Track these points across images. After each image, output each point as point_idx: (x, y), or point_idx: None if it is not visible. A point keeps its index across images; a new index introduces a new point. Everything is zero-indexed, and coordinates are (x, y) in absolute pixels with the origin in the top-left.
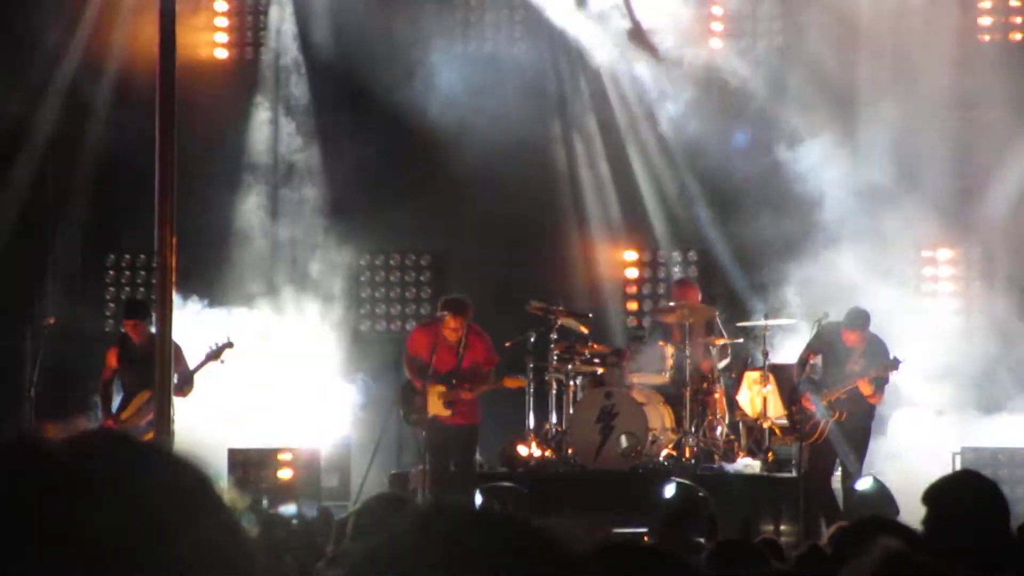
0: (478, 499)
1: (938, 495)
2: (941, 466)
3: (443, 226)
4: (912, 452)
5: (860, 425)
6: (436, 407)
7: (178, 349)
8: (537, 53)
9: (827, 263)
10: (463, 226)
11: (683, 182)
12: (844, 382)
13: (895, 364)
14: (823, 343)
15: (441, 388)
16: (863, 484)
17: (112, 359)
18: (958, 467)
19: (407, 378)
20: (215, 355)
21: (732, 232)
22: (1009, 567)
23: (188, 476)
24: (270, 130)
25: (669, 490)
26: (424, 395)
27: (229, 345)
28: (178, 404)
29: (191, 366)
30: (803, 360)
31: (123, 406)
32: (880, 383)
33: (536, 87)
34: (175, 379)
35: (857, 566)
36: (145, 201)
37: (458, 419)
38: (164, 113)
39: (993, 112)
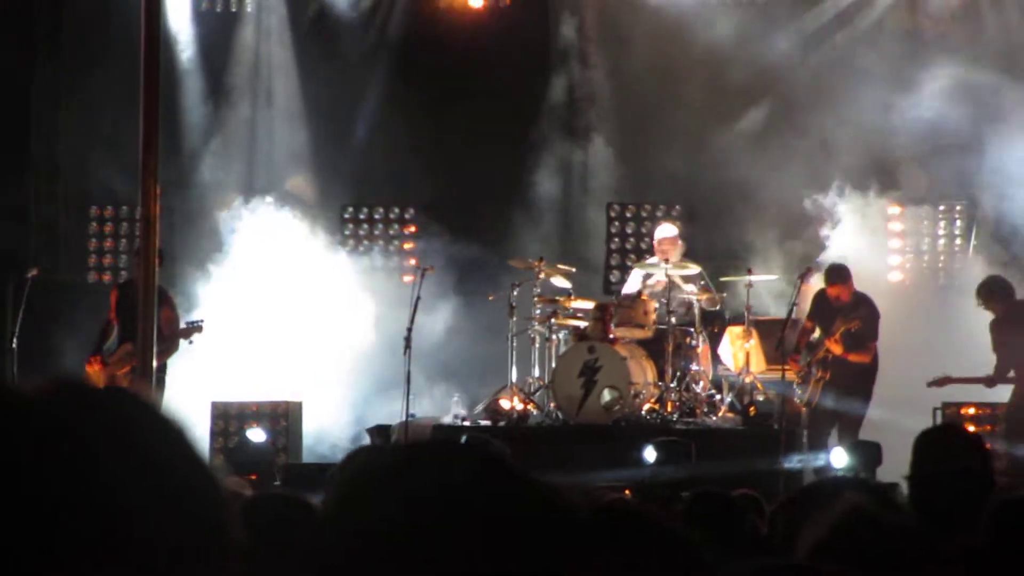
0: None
1: (922, 447)
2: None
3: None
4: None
5: (852, 386)
6: None
7: (172, 304)
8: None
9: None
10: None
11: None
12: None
13: (860, 318)
14: (816, 306)
15: None
16: (837, 459)
17: (112, 300)
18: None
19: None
20: (185, 333)
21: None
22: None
23: (159, 425)
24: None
25: (650, 453)
26: None
27: (198, 329)
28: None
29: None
30: (803, 328)
31: (113, 352)
32: (851, 340)
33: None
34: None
35: (819, 521)
36: (129, 151)
37: None
38: (149, 63)
39: None
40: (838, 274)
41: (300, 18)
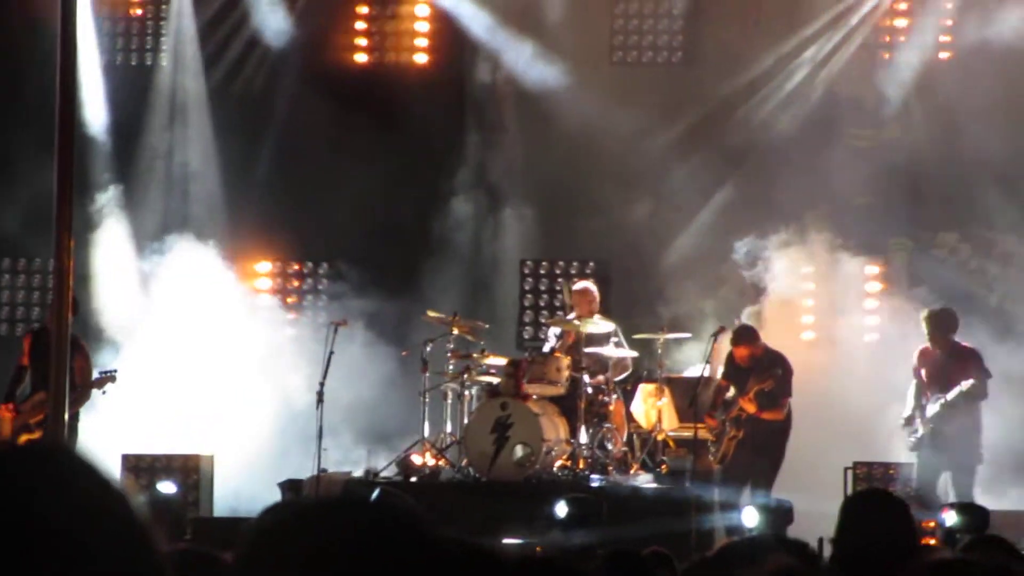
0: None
1: (849, 510)
2: (834, 482)
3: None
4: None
5: (765, 444)
6: None
7: (85, 354)
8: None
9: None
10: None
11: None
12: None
13: (773, 377)
14: (729, 366)
15: None
16: (748, 519)
17: (26, 346)
18: (850, 483)
19: None
20: (98, 383)
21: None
22: None
23: (99, 479)
24: None
25: (561, 508)
26: None
27: (112, 379)
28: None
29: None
30: (718, 387)
31: (26, 399)
32: (764, 398)
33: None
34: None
35: None
36: (43, 204)
37: None
38: (64, 114)
39: None
40: (744, 336)
41: (213, 65)
